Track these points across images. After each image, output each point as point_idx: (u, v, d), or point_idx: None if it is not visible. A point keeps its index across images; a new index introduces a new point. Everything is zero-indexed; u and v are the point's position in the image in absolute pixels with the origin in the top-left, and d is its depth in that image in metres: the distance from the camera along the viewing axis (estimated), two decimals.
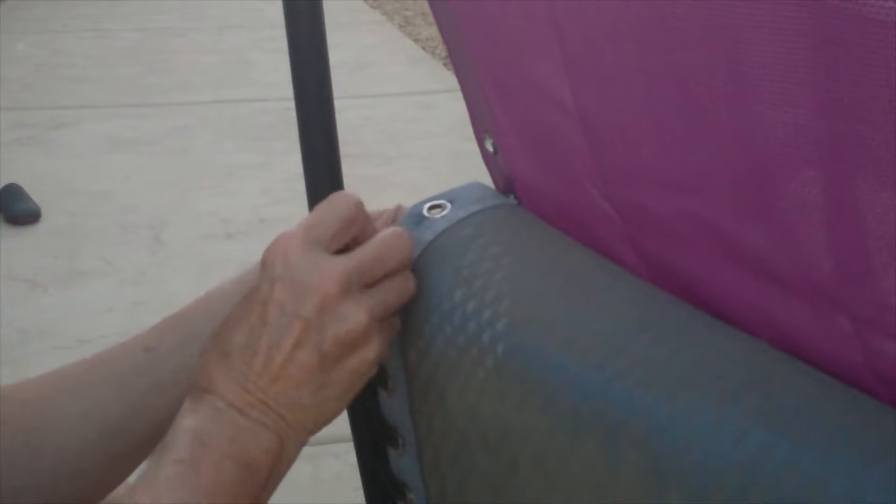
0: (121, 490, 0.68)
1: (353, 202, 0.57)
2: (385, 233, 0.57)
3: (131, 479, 0.67)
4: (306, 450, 0.56)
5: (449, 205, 0.62)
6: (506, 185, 0.66)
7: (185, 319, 0.66)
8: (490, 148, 0.65)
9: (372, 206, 0.72)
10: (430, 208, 0.62)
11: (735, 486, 0.42)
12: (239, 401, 0.53)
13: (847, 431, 0.42)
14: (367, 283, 0.55)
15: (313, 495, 1.73)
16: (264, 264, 0.54)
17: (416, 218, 0.62)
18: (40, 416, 0.62)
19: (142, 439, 0.64)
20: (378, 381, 0.63)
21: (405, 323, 0.60)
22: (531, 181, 0.63)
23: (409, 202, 0.65)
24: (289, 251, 0.54)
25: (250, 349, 0.53)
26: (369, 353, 0.55)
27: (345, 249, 0.56)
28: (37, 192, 2.88)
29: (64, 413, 0.63)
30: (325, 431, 0.57)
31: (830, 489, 0.39)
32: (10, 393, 0.63)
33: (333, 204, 0.57)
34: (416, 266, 0.60)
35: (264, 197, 2.99)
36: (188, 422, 0.53)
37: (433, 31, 5.09)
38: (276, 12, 0.68)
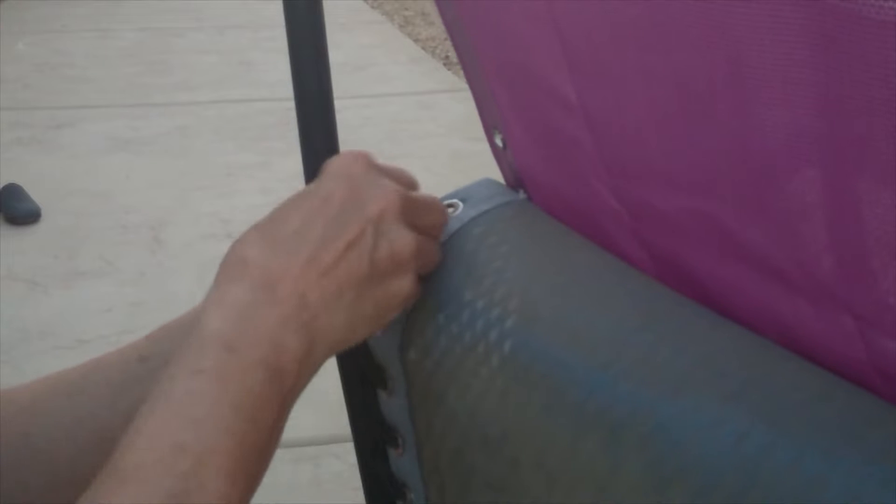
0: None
1: (445, 218, 0.59)
2: (429, 195, 0.59)
3: None
4: (306, 450, 0.56)
5: (461, 204, 0.63)
6: (515, 179, 0.66)
7: (181, 329, 0.64)
8: (499, 142, 0.66)
9: None
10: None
11: (736, 484, 0.42)
12: (277, 286, 0.49)
13: (848, 430, 0.42)
14: (414, 222, 0.55)
15: (314, 495, 1.73)
16: (334, 168, 0.54)
17: None
18: (35, 420, 0.62)
19: None
20: (378, 381, 0.63)
21: (409, 323, 0.60)
22: (539, 175, 0.63)
23: None
24: (361, 163, 0.54)
25: (302, 236, 0.50)
26: (407, 283, 0.54)
27: None
28: (37, 192, 2.88)
29: (59, 418, 0.62)
30: (326, 431, 0.56)
31: (831, 488, 0.39)
32: (6, 396, 0.62)
33: (438, 207, 0.58)
34: None
35: (264, 197, 2.98)
36: (214, 324, 0.48)
37: (433, 31, 5.09)
38: (276, 12, 0.68)
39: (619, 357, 0.50)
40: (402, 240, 0.52)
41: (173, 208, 2.91)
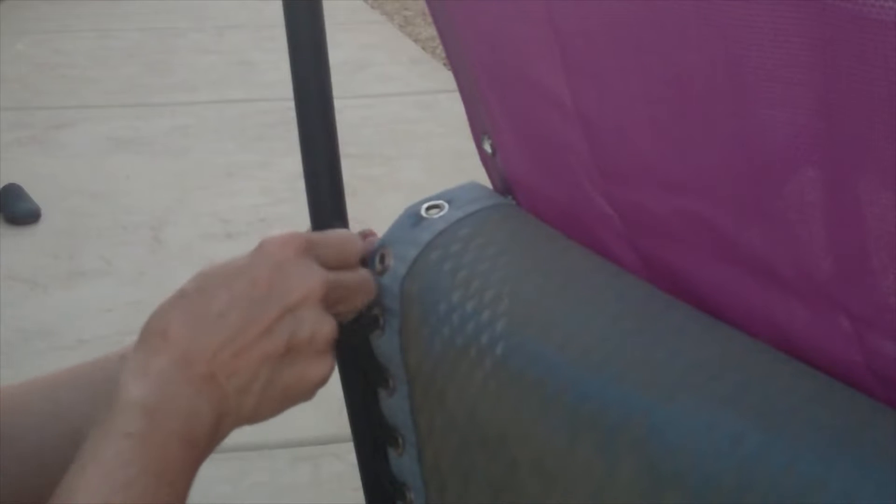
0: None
1: (359, 249, 0.60)
2: (363, 273, 0.60)
3: None
4: (306, 450, 0.56)
5: (447, 205, 0.62)
6: (504, 185, 0.66)
7: None
8: (488, 149, 0.65)
9: (372, 206, 0.72)
10: (428, 208, 0.62)
11: (733, 486, 0.42)
12: (193, 365, 0.53)
13: (845, 432, 0.42)
14: (331, 302, 0.56)
15: (314, 495, 1.73)
16: (265, 250, 0.55)
17: (413, 218, 0.62)
18: (13, 413, 0.64)
19: None
20: (378, 381, 0.63)
21: (405, 324, 0.60)
22: (529, 181, 0.63)
23: (409, 202, 0.65)
24: (292, 248, 0.55)
25: (224, 318, 0.53)
26: (320, 370, 0.56)
27: None
28: (37, 192, 2.88)
29: (36, 411, 0.65)
30: (326, 431, 0.56)
31: (828, 490, 0.39)
32: None
33: (346, 242, 0.60)
34: (414, 266, 0.60)
35: (264, 197, 2.98)
36: (136, 391, 0.52)
37: (433, 31, 5.08)
38: (276, 12, 0.68)
39: (613, 360, 0.49)
40: (323, 326, 0.55)
41: (173, 208, 2.91)
